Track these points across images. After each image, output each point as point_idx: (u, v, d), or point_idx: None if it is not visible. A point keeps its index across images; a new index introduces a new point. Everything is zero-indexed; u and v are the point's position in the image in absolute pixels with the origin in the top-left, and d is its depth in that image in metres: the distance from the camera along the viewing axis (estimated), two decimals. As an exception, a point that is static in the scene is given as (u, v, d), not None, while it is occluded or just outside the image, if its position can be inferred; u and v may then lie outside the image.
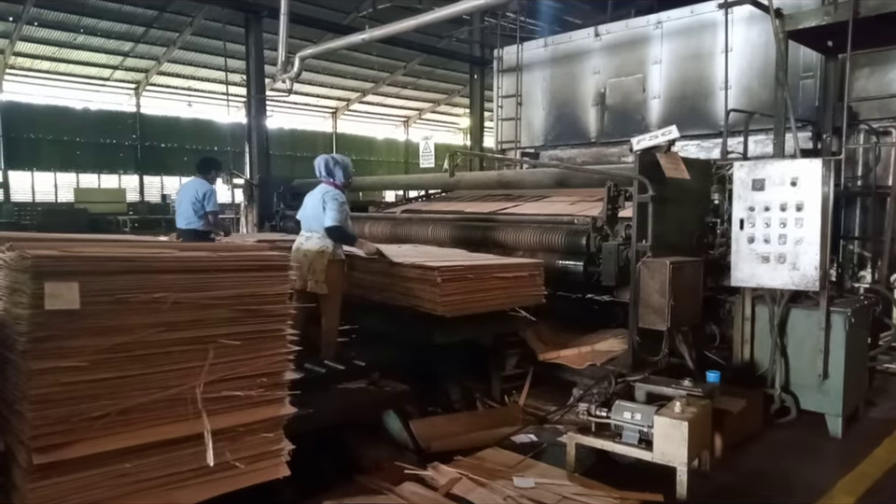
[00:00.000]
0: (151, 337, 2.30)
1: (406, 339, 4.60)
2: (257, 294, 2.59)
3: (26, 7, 18.70)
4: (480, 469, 3.48)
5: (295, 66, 9.10)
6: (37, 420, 2.07)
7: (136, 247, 2.56)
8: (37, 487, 2.06)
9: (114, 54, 22.89)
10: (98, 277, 2.17)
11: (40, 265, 2.06)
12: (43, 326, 2.06)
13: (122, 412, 2.25)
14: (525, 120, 10.48)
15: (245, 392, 2.56)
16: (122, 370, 2.25)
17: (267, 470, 2.62)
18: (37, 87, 24.20)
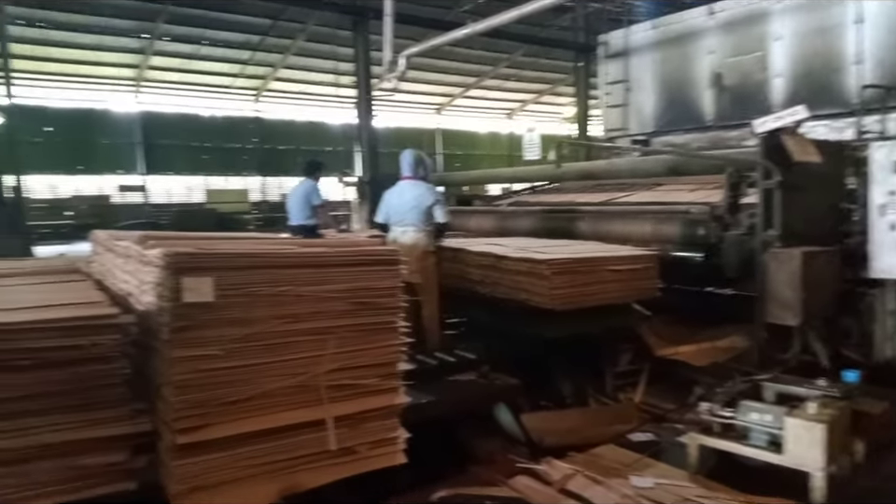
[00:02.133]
0: (277, 328, 2.44)
1: (515, 332, 4.58)
2: (370, 287, 2.67)
3: (158, 24, 20.40)
4: (595, 467, 3.40)
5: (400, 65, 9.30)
6: (179, 404, 2.24)
7: (262, 244, 2.72)
8: (180, 465, 2.25)
9: (234, 63, 24.45)
10: (229, 272, 2.32)
11: (178, 262, 2.23)
12: (182, 317, 2.24)
13: (253, 397, 2.40)
14: (634, 106, 10.09)
15: (362, 381, 2.65)
16: (253, 358, 2.40)
17: (385, 457, 2.71)
18: (169, 97, 26.34)
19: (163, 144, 26.68)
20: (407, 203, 4.85)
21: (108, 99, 25.68)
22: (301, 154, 26.19)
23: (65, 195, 25.19)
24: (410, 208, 4.82)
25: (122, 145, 26.12)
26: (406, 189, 4.91)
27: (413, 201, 4.82)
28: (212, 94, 26.65)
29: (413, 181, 4.93)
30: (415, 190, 4.86)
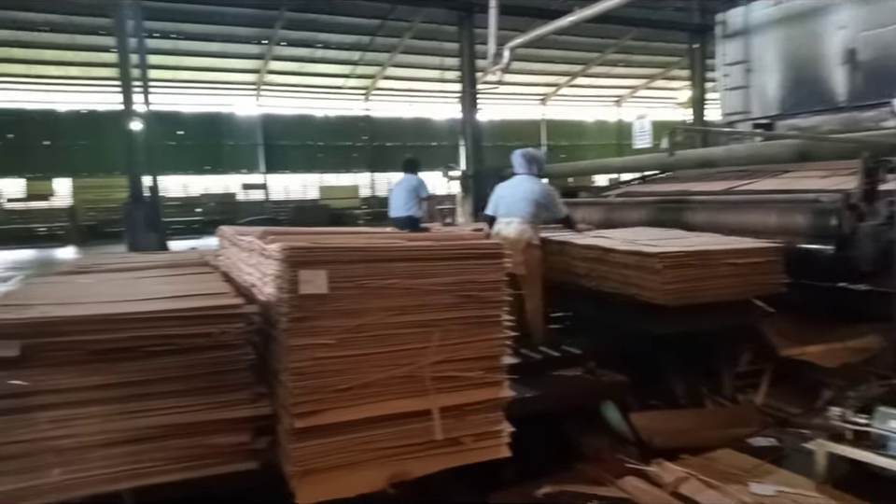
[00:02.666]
0: (386, 319, 2.52)
1: (622, 328, 4.45)
2: (475, 281, 2.69)
3: (276, 30, 21.57)
4: (710, 471, 3.24)
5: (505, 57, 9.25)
6: (296, 389, 2.38)
7: (372, 238, 2.82)
8: (297, 447, 2.38)
9: (346, 64, 25.39)
10: (342, 265, 2.42)
11: (295, 256, 2.36)
12: (299, 308, 2.36)
13: (363, 385, 2.49)
14: (755, 88, 9.41)
15: (467, 373, 2.68)
16: (363, 348, 2.49)
17: (489, 450, 2.72)
18: (286, 99, 27.82)
19: (281, 144, 28.25)
20: (516, 195, 4.93)
21: (233, 103, 27.54)
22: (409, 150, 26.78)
23: (195, 194, 27.33)
24: (518, 200, 4.88)
25: (245, 146, 27.93)
26: (517, 182, 5.04)
27: (523, 193, 4.89)
28: (325, 95, 27.85)
29: (526, 176, 5.04)
30: (526, 184, 4.96)
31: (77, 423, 2.26)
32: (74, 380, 2.24)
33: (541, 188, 4.99)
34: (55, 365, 2.23)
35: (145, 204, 9.81)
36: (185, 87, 24.97)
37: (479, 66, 13.33)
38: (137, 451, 2.32)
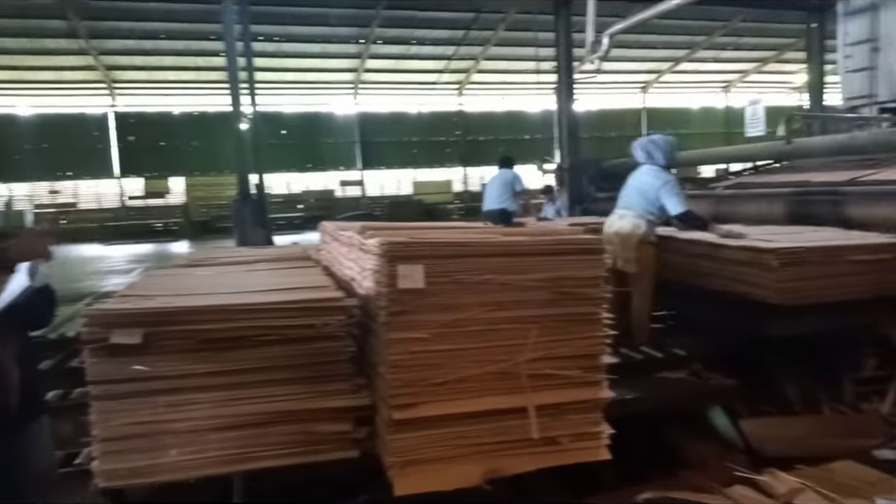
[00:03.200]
0: (482, 315, 2.50)
1: (732, 329, 4.19)
2: (573, 277, 2.61)
3: (373, 29, 22.08)
4: (828, 483, 2.99)
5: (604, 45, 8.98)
6: (394, 382, 2.41)
7: (468, 233, 2.80)
8: (395, 439, 2.41)
9: (440, 59, 25.61)
10: (438, 260, 2.43)
11: (394, 250, 2.39)
12: (397, 302, 2.39)
13: (459, 380, 2.49)
14: (883, 69, 8.62)
15: (564, 372, 2.61)
16: (459, 343, 2.48)
17: (588, 451, 2.65)
18: (382, 97, 28.46)
19: (377, 141, 28.95)
20: (632, 187, 4.64)
21: (331, 102, 28.52)
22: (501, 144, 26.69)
23: (297, 191, 28.56)
24: (634, 193, 4.59)
25: (343, 143, 28.85)
26: (638, 174, 4.69)
27: (639, 186, 4.57)
28: (419, 91, 28.24)
29: (647, 167, 4.64)
30: (644, 176, 4.60)
31: (191, 407, 2.40)
32: (188, 366, 2.38)
33: (656, 181, 4.49)
34: (172, 352, 2.37)
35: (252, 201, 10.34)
36: (287, 88, 26.09)
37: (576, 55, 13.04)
38: (246, 436, 2.43)
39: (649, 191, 4.48)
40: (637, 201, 4.52)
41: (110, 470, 2.43)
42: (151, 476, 2.45)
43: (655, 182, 4.49)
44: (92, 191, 26.79)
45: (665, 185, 4.45)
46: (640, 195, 4.51)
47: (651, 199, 4.47)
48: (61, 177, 26.06)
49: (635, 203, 4.53)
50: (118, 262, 14.88)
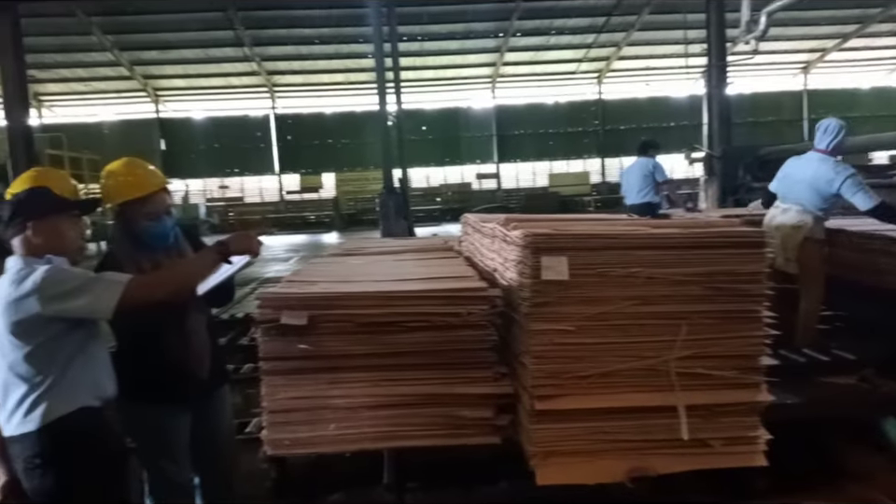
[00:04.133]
0: (627, 309, 2.45)
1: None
2: (729, 272, 2.48)
3: (512, 22, 22.09)
4: None
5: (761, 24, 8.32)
6: (537, 372, 2.43)
7: (613, 225, 2.75)
8: (538, 429, 2.44)
9: (579, 48, 25.08)
10: (583, 252, 2.41)
11: (538, 242, 2.41)
12: (540, 293, 2.41)
13: (603, 375, 2.46)
14: None
15: (718, 372, 2.49)
16: (602, 336, 2.46)
17: (741, 456, 2.51)
18: (519, 90, 28.41)
19: (514, 134, 28.96)
20: (797, 176, 4.14)
21: (469, 97, 28.96)
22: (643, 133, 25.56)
23: (435, 184, 29.36)
24: (798, 182, 4.10)
25: (480, 137, 29.22)
26: (805, 160, 4.18)
27: (810, 177, 4.06)
28: (557, 82, 27.86)
29: (820, 154, 4.11)
30: (812, 164, 4.09)
31: (348, 385, 2.58)
32: (347, 347, 2.56)
33: (833, 174, 3.96)
34: (333, 333, 2.57)
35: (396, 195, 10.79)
36: (427, 85, 26.87)
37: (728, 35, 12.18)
38: (396, 415, 2.58)
39: (822, 184, 3.99)
40: (806, 194, 4.04)
41: (276, 440, 2.69)
42: (312, 447, 2.67)
43: (830, 174, 3.97)
44: (256, 186, 29.43)
45: (847, 179, 3.91)
46: (811, 188, 4.03)
47: (824, 193, 4.00)
48: (229, 174, 28.87)
49: (803, 197, 4.04)
50: (277, 251, 16.20)
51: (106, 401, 1.78)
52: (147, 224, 2.15)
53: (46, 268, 1.66)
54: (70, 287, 1.63)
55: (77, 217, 1.87)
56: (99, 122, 27.88)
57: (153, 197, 2.17)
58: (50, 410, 1.65)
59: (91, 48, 22.89)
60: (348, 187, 28.49)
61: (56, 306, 1.63)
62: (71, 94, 26.60)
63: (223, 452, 2.46)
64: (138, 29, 21.75)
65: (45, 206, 1.76)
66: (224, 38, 22.87)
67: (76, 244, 1.83)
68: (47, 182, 1.94)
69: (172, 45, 23.11)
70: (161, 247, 2.19)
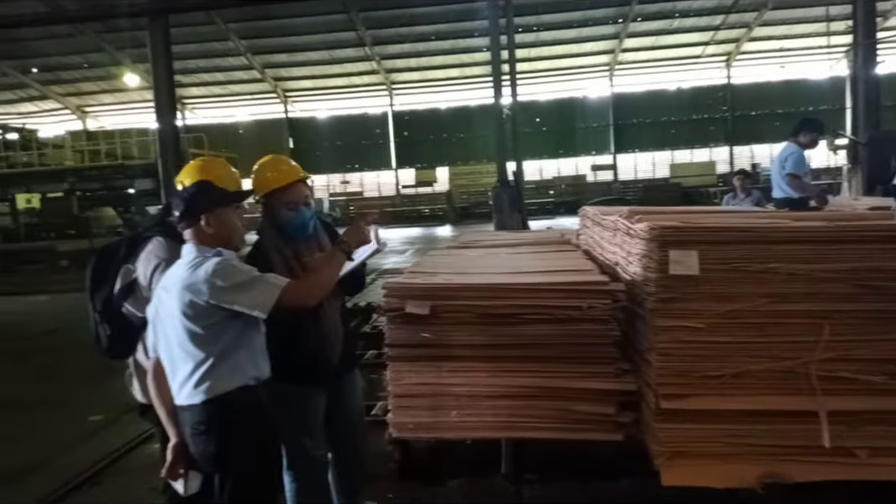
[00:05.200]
0: (763, 307, 2.31)
1: None
2: (879, 269, 2.28)
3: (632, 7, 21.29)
4: None
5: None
6: (662, 370, 2.36)
7: (749, 218, 2.61)
8: (663, 429, 2.36)
9: (705, 30, 23.73)
10: (715, 246, 2.30)
11: (665, 235, 2.33)
12: (667, 288, 2.33)
13: (735, 375, 2.34)
14: None
15: (864, 376, 2.30)
16: (735, 335, 2.33)
17: (891, 469, 2.30)
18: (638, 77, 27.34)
19: (632, 123, 27.97)
20: None
21: (585, 87, 28.28)
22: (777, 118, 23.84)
23: (548, 176, 29.00)
24: None
25: (596, 128, 28.48)
26: None
27: None
28: (680, 67, 26.54)
29: None
30: None
31: (469, 374, 2.64)
32: (468, 337, 2.62)
33: None
34: (454, 323, 2.64)
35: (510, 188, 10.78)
36: (542, 76, 26.56)
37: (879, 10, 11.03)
38: (515, 406, 2.61)
39: None
40: None
41: (401, 423, 2.80)
42: (434, 432, 2.77)
43: None
44: (374, 181, 30.58)
45: None
46: None
47: None
48: (350, 169, 30.20)
49: None
50: (393, 243, 16.76)
51: (261, 381, 1.95)
52: (287, 214, 2.32)
53: (217, 260, 1.84)
54: (235, 283, 1.80)
55: (240, 208, 2.06)
56: (235, 123, 30.13)
57: (292, 188, 2.34)
58: (214, 387, 1.85)
59: (228, 53, 24.76)
60: (461, 180, 28.86)
61: (221, 298, 1.81)
62: (210, 97, 28.90)
63: (354, 431, 2.61)
64: (269, 34, 23.24)
65: (213, 200, 1.95)
66: (347, 39, 23.89)
67: (241, 232, 2.03)
68: (212, 174, 2.15)
69: (299, 47, 24.48)
70: (301, 238, 2.36)
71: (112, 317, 2.36)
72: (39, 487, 3.50)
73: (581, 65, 26.85)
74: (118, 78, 25.70)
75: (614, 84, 27.76)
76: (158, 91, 11.23)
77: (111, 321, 2.37)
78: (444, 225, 23.64)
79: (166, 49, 11.03)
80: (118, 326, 2.36)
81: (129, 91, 27.07)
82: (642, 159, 28.69)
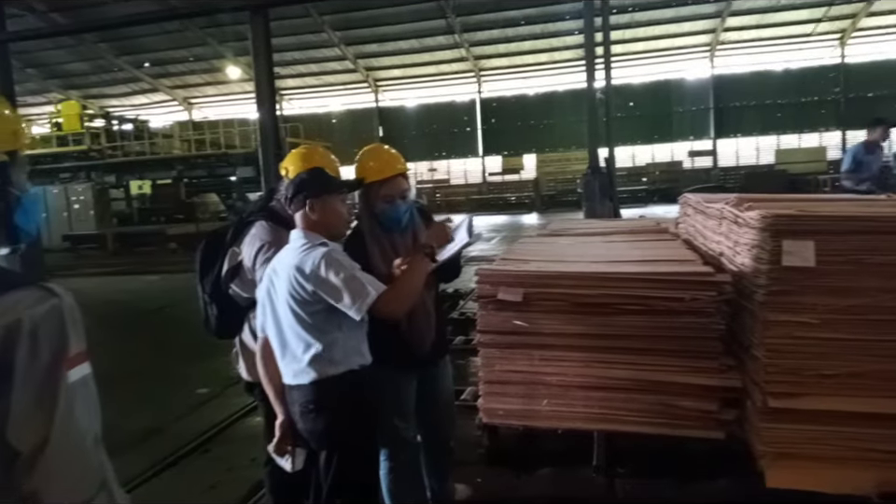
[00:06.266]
0: (887, 303, 2.14)
1: None
2: None
3: (736, -17, 20.09)
4: None
5: None
6: (771, 367, 2.23)
7: (871, 207, 2.41)
8: (769, 428, 2.24)
9: (816, 6, 22.07)
10: (832, 237, 2.15)
11: (779, 224, 2.19)
12: (779, 280, 2.19)
13: (851, 375, 2.18)
14: None
15: None
16: (853, 332, 2.17)
17: None
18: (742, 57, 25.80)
19: (734, 106, 26.50)
20: None
21: (683, 69, 27.02)
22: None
23: (641, 163, 28.00)
24: None
25: (694, 111, 27.18)
26: None
27: None
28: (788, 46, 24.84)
29: None
30: None
31: (562, 363, 2.61)
32: (561, 326, 2.59)
33: None
34: (547, 312, 2.61)
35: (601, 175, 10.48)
36: (636, 58, 25.60)
37: None
38: (610, 398, 2.55)
39: None
40: None
41: (491, 409, 2.81)
42: (524, 420, 2.75)
43: None
44: (461, 169, 30.68)
45: None
46: None
47: None
48: (437, 157, 30.44)
49: None
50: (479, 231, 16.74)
51: (364, 366, 2.01)
52: (383, 206, 2.36)
53: (324, 251, 1.90)
54: (337, 280, 1.85)
55: (346, 196, 2.12)
56: (328, 112, 31.05)
57: (390, 181, 2.37)
58: (322, 369, 1.92)
59: (322, 44, 25.51)
60: (549, 167, 28.43)
61: (322, 289, 1.87)
62: (305, 88, 29.91)
63: (444, 415, 2.64)
64: (361, 24, 23.72)
65: (322, 186, 2.01)
66: (436, 27, 24.00)
67: (345, 220, 2.08)
68: (317, 162, 2.21)
69: (389, 37, 24.85)
70: (396, 229, 2.40)
71: (220, 299, 2.49)
72: (155, 452, 3.78)
73: (678, 46, 25.66)
74: (220, 71, 27.12)
75: (715, 65, 26.37)
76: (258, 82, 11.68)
77: (219, 302, 2.50)
78: (531, 213, 23.40)
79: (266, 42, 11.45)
80: (225, 307, 2.49)
81: (230, 83, 28.50)
82: (744, 144, 27.13)
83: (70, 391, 0.92)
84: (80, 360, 0.94)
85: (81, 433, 0.93)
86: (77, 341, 0.94)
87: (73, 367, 0.93)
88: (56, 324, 0.92)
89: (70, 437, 0.91)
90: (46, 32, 19.03)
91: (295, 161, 2.39)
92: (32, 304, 0.91)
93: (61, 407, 0.90)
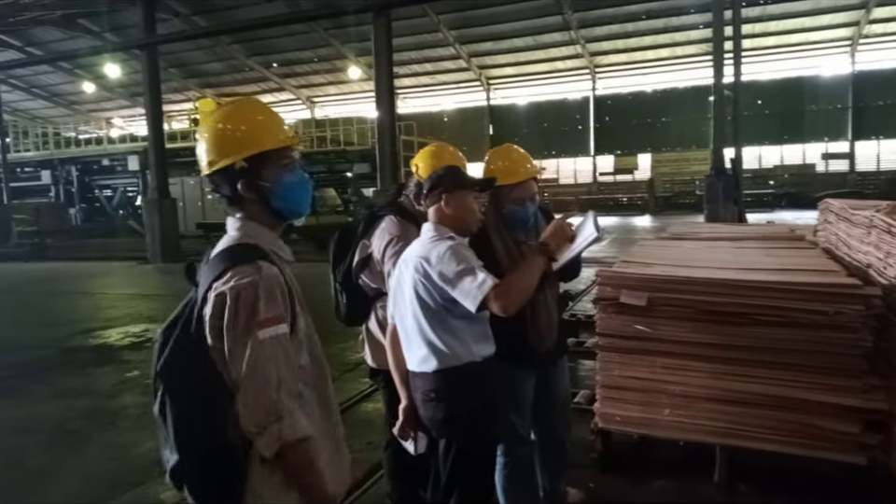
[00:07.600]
0: None
1: None
2: None
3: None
4: None
5: None
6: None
7: None
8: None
9: (985, -7, 19.64)
10: None
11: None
12: (941, 297, 2.01)
13: None
14: None
15: None
16: None
17: None
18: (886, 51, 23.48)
19: (877, 105, 24.18)
20: None
21: (818, 64, 24.99)
22: None
23: (768, 165, 26.19)
24: None
25: (830, 111, 25.08)
26: None
27: None
28: (946, 38, 22.30)
29: None
30: None
31: (686, 373, 2.53)
32: (687, 334, 2.50)
33: None
34: (672, 318, 2.53)
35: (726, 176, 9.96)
36: (765, 53, 23.98)
37: None
38: (738, 413, 2.44)
39: None
40: None
41: (608, 414, 2.77)
42: (643, 428, 2.69)
43: None
44: (570, 168, 30.15)
45: None
46: None
47: None
48: (546, 156, 30.08)
49: None
50: (590, 232, 16.34)
51: (486, 358, 2.05)
52: (512, 208, 2.39)
53: (450, 244, 1.97)
54: (456, 270, 1.90)
55: (478, 193, 2.17)
56: (440, 111, 31.54)
57: (521, 185, 2.39)
58: (445, 360, 1.98)
59: (437, 44, 25.94)
60: (665, 168, 27.26)
61: (442, 279, 1.93)
62: (419, 87, 30.55)
63: (561, 415, 2.63)
64: (477, 23, 23.87)
65: (458, 182, 2.08)
66: (552, 24, 23.69)
67: (476, 217, 2.14)
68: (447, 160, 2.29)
69: (505, 34, 24.83)
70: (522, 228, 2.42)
71: (350, 288, 2.63)
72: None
73: (815, 40, 23.72)
74: (342, 71, 28.28)
75: (857, 61, 24.15)
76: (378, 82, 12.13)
77: (349, 291, 2.64)
78: (644, 215, 22.56)
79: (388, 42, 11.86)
80: (354, 296, 2.63)
81: (350, 83, 29.67)
82: (887, 147, 24.67)
83: (258, 345, 1.23)
84: (271, 323, 1.25)
85: (266, 378, 1.23)
86: (269, 308, 1.25)
87: (262, 328, 1.24)
88: (251, 294, 1.24)
89: (255, 379, 1.22)
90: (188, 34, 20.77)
91: (425, 158, 2.47)
92: (241, 277, 1.25)
93: (248, 356, 1.22)
